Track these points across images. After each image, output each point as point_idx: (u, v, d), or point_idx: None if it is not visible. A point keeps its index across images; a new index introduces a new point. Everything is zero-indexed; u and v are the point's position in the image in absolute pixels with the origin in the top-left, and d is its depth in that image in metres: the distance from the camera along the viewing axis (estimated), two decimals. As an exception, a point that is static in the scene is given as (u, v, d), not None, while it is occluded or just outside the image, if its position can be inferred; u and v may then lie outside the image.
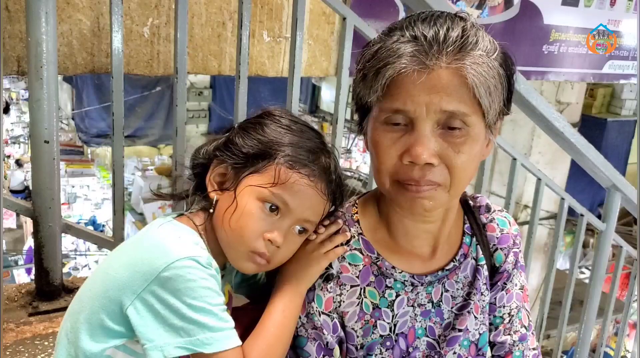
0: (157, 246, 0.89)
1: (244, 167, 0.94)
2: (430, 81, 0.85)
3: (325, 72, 2.72)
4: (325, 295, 0.99)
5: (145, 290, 0.86)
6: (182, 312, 0.85)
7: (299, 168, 0.93)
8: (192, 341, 0.85)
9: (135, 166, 10.37)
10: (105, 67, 2.16)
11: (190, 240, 0.91)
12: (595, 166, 2.37)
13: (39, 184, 1.75)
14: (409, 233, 1.02)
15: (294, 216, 0.94)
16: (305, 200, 0.93)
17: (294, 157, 0.93)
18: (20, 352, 1.64)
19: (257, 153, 0.94)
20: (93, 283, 0.94)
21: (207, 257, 0.89)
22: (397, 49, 0.86)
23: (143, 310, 0.86)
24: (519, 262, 1.12)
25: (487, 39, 0.89)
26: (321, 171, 0.95)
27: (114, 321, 0.89)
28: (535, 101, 2.01)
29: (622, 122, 8.19)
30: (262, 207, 0.92)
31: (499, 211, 1.14)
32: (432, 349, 1.03)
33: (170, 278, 0.85)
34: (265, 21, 2.49)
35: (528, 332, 1.13)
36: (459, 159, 0.89)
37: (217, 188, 0.97)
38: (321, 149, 0.97)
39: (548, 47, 3.71)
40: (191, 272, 0.86)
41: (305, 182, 0.93)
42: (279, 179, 0.91)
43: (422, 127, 0.87)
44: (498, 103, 0.90)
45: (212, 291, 0.87)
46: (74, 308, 0.96)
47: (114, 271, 0.90)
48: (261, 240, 0.92)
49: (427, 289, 1.03)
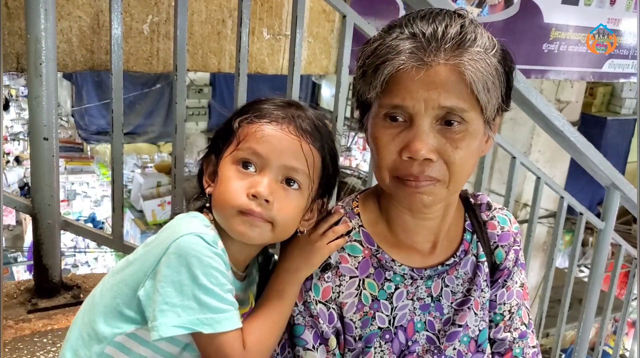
0: (168, 228, 0.90)
1: (221, 147, 0.96)
2: (428, 78, 0.86)
3: (325, 70, 2.71)
4: (323, 284, 1.00)
5: (154, 270, 0.86)
6: (183, 290, 0.84)
7: (258, 119, 0.93)
8: (191, 320, 0.84)
9: (134, 163, 10.37)
10: (105, 64, 2.15)
11: (200, 222, 0.91)
12: (594, 165, 2.37)
13: (38, 181, 1.75)
14: (409, 229, 1.02)
15: (272, 165, 0.91)
16: (275, 144, 0.91)
17: (253, 114, 0.94)
18: (19, 348, 1.64)
19: (225, 130, 0.96)
20: (116, 270, 0.96)
21: (213, 235, 0.89)
22: (395, 45, 0.87)
23: (150, 289, 0.86)
24: (520, 260, 1.13)
25: (485, 35, 0.90)
26: (286, 116, 0.94)
27: (128, 306, 0.90)
28: (535, 99, 2.01)
29: (621, 121, 8.19)
30: (236, 168, 0.92)
31: (500, 209, 1.14)
32: (432, 343, 1.04)
33: (174, 254, 0.85)
34: (265, 19, 2.49)
35: (528, 329, 1.13)
36: (457, 155, 0.90)
37: (211, 182, 0.98)
38: (289, 104, 0.97)
39: (548, 46, 3.70)
40: (195, 248, 0.85)
41: (269, 127, 0.92)
42: (242, 137, 0.92)
43: (421, 123, 0.88)
44: (496, 99, 0.91)
45: (216, 270, 0.86)
46: (96, 293, 0.97)
47: (132, 257, 0.93)
48: (244, 197, 0.90)
49: (427, 283, 1.03)
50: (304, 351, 0.99)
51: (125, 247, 2.00)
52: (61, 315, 1.79)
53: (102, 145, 10.25)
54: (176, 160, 1.82)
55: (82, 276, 2.03)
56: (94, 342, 0.92)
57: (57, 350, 1.64)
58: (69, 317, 1.79)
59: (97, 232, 2.11)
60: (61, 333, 1.72)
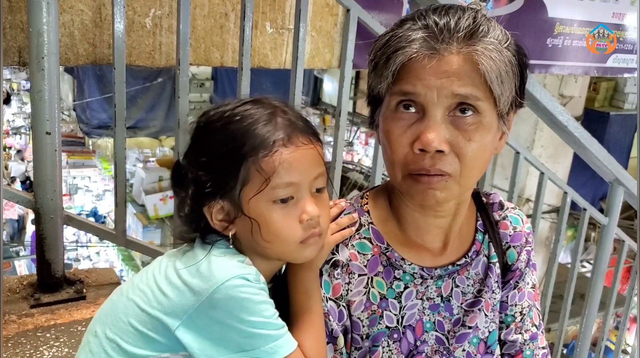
0: (204, 267, 0.87)
1: (231, 190, 0.89)
2: (441, 66, 0.85)
3: (328, 65, 2.70)
4: (333, 281, 0.98)
5: (196, 311, 0.85)
6: (241, 329, 0.84)
7: (271, 148, 0.87)
8: (255, 352, 0.85)
9: (136, 157, 10.37)
10: (107, 58, 2.15)
11: (235, 258, 0.90)
12: (598, 160, 2.36)
13: (40, 176, 1.74)
14: (420, 228, 1.01)
15: (305, 185, 0.90)
16: (301, 164, 0.89)
17: (259, 145, 0.87)
18: (22, 343, 1.64)
19: (228, 170, 0.89)
20: (143, 293, 0.90)
21: (255, 273, 0.88)
22: (408, 36, 0.87)
23: (197, 331, 0.85)
24: (531, 260, 1.11)
25: (498, 29, 0.89)
26: (288, 130, 0.89)
27: (160, 335, 0.87)
28: (539, 94, 2.00)
29: (624, 116, 8.17)
30: (276, 205, 0.89)
31: (512, 208, 1.12)
32: (441, 344, 1.02)
33: (222, 300, 0.84)
34: (268, 12, 2.48)
35: (538, 330, 1.12)
36: (469, 147, 0.88)
37: (227, 224, 0.93)
38: (271, 114, 0.91)
39: (552, 41, 3.69)
40: (243, 290, 0.85)
41: (287, 153, 0.88)
42: (268, 173, 0.87)
43: (433, 113, 0.87)
44: (510, 91, 0.89)
45: (266, 303, 0.87)
46: (119, 308, 0.92)
47: (158, 290, 0.88)
48: (300, 229, 0.90)
49: (437, 283, 1.02)
50: None
51: (128, 242, 2.00)
52: (64, 310, 1.79)
53: (104, 139, 10.25)
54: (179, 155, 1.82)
55: (85, 271, 2.03)
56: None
57: (60, 345, 1.64)
58: (72, 311, 1.79)
59: (100, 227, 2.11)
60: (64, 328, 1.72)
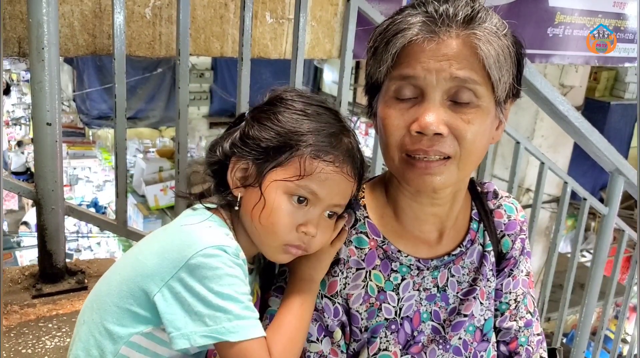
0: (187, 234, 0.89)
1: (266, 161, 0.91)
2: (440, 50, 0.86)
3: (328, 55, 2.69)
4: (330, 278, 1.00)
5: (174, 278, 0.86)
6: (209, 299, 0.84)
7: (323, 156, 0.90)
8: (217, 329, 0.84)
9: (136, 148, 10.36)
10: (107, 49, 2.14)
11: (221, 231, 0.91)
12: (598, 150, 2.36)
13: (41, 167, 1.74)
14: (417, 217, 1.02)
15: (324, 204, 0.92)
16: (333, 187, 0.91)
17: (317, 145, 0.90)
18: (25, 333, 1.65)
19: (277, 145, 0.91)
20: (123, 268, 0.94)
21: (235, 247, 0.89)
22: (407, 21, 0.88)
23: (170, 297, 0.86)
24: (525, 248, 1.12)
25: (496, 17, 0.90)
26: (345, 154, 0.92)
27: (142, 307, 0.89)
28: (540, 83, 2.00)
29: (625, 105, 8.15)
30: (290, 200, 0.90)
31: (506, 197, 1.13)
32: (437, 333, 1.03)
33: (197, 266, 0.85)
34: (268, 2, 2.46)
35: (533, 317, 1.13)
36: (469, 129, 0.88)
37: (240, 185, 0.94)
38: (341, 131, 0.94)
39: (553, 30, 3.67)
40: (218, 260, 0.86)
41: (331, 169, 0.90)
42: (305, 171, 0.89)
43: (432, 96, 0.87)
44: (508, 77, 0.90)
45: (239, 279, 0.87)
46: (102, 290, 0.96)
47: (143, 257, 0.91)
48: (294, 233, 0.91)
49: (433, 273, 1.03)
50: (309, 343, 0.99)
51: (129, 233, 2.00)
52: (66, 300, 1.80)
53: (104, 130, 10.24)
54: (179, 145, 1.82)
55: (87, 262, 2.04)
56: (107, 342, 0.91)
57: (62, 335, 1.65)
58: (74, 302, 1.80)
59: (101, 218, 2.11)
60: (66, 318, 1.73)
